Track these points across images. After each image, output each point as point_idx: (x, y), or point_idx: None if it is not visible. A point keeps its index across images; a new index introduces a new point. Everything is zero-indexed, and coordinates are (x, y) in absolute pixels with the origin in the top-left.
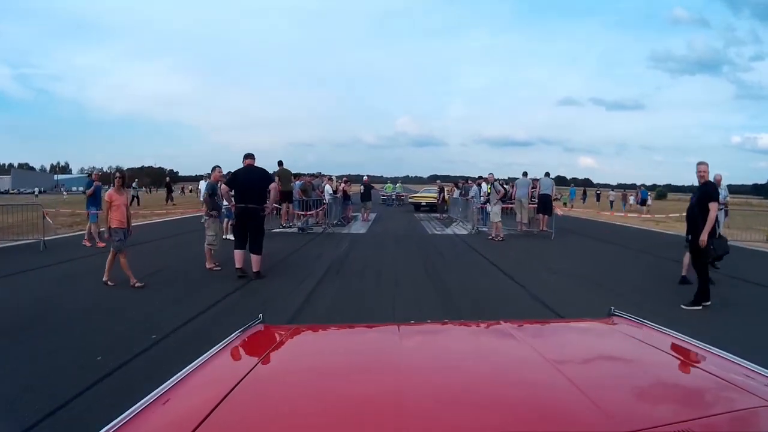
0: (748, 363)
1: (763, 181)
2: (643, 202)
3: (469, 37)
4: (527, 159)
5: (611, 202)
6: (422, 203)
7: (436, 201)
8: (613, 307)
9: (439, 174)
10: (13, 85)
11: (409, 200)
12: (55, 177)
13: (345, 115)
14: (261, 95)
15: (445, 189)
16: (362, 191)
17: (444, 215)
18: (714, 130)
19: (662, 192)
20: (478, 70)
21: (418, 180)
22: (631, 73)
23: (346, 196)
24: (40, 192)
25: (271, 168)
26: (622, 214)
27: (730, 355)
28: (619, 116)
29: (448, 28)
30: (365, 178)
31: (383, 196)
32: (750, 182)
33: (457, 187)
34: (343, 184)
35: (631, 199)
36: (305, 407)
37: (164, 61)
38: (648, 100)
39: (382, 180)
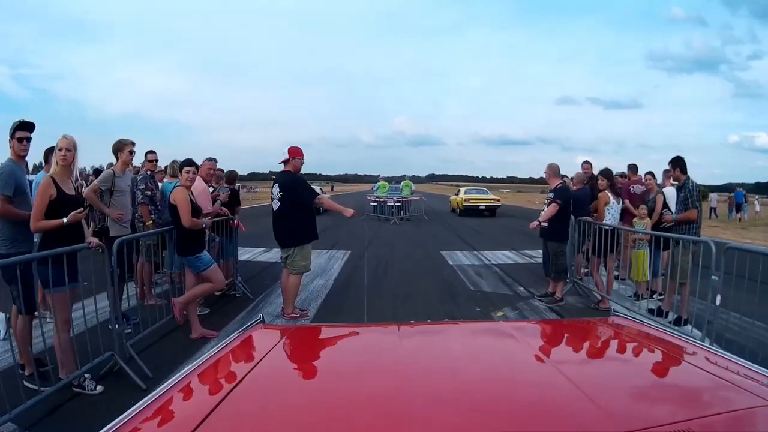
0: (748, 363)
1: (765, 180)
2: (737, 208)
3: (467, 36)
4: (525, 158)
5: (712, 209)
6: (480, 206)
7: (541, 224)
8: (612, 308)
9: (437, 173)
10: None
11: (466, 204)
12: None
13: (343, 115)
14: (259, 95)
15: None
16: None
17: (557, 291)
18: (712, 128)
19: None
20: (475, 70)
21: (416, 180)
22: (628, 71)
23: (182, 232)
24: None
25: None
26: (715, 225)
27: (730, 354)
28: (617, 115)
29: (446, 27)
30: (207, 164)
31: (374, 203)
32: (752, 180)
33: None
34: (184, 175)
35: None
36: (305, 407)
37: (162, 61)
38: (646, 99)
39: (375, 181)
